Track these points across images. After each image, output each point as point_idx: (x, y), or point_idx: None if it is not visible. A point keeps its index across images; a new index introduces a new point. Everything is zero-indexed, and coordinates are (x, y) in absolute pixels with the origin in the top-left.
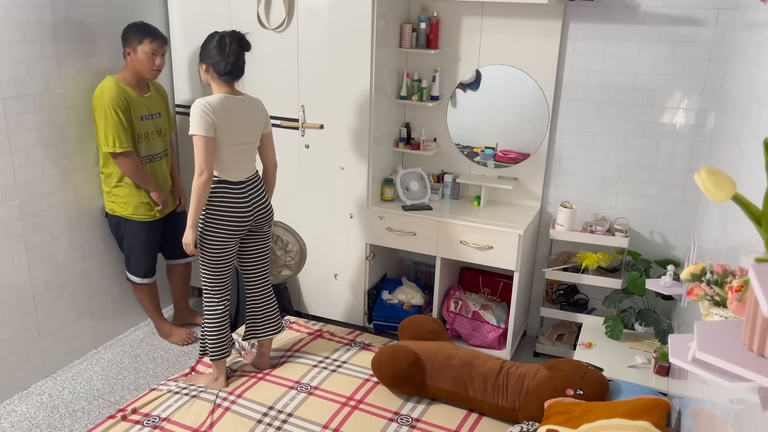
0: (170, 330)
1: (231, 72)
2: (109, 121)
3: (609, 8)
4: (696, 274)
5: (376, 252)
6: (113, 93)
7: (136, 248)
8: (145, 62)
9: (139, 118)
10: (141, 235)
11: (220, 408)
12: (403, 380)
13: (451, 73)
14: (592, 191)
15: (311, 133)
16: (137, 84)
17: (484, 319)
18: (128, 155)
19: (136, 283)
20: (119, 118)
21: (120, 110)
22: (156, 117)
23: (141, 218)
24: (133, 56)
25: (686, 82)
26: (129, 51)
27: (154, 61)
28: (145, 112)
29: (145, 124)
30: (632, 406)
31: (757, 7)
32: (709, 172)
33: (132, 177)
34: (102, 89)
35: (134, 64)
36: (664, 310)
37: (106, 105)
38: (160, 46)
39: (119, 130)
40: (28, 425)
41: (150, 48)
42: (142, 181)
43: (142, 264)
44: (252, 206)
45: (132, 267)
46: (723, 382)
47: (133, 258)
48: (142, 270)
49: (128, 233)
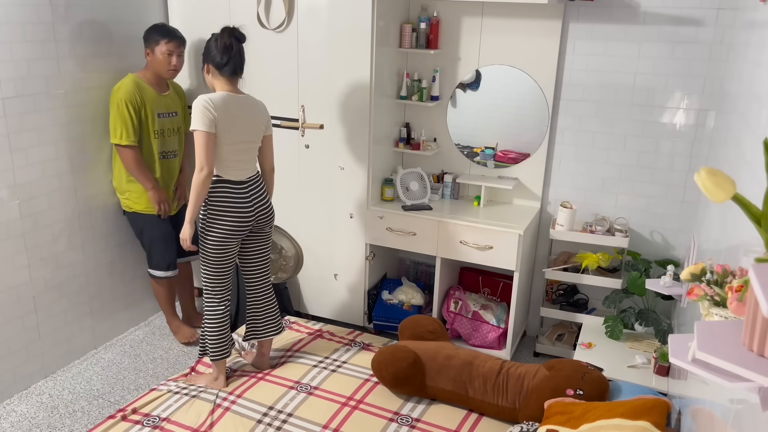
0: (178, 327)
1: (228, 63)
2: (120, 114)
3: (609, 8)
4: (696, 274)
5: (376, 252)
6: (128, 89)
7: (157, 241)
8: (162, 62)
9: (156, 115)
10: (160, 228)
11: (220, 408)
12: (403, 380)
13: (451, 73)
14: (592, 191)
15: (311, 133)
16: (157, 83)
17: (484, 319)
18: (132, 149)
19: (159, 277)
20: (129, 113)
21: (132, 106)
22: (173, 115)
23: (156, 211)
24: (151, 56)
25: (686, 82)
26: (148, 51)
27: (171, 61)
28: (163, 110)
29: (161, 122)
30: (632, 406)
31: (757, 7)
32: (709, 172)
33: (131, 171)
34: (120, 85)
35: (153, 64)
36: (664, 310)
37: (119, 99)
38: (176, 46)
39: (128, 124)
40: (28, 425)
41: (167, 48)
42: (140, 177)
43: (164, 257)
44: (253, 206)
45: (154, 261)
46: (723, 382)
47: (155, 252)
48: (165, 262)
49: (146, 227)
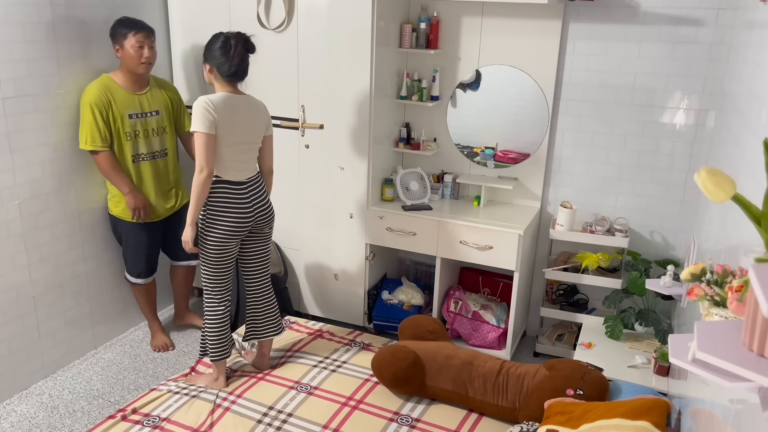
0: (155, 333)
1: (235, 74)
2: (85, 119)
3: (609, 8)
4: (696, 274)
5: (376, 252)
6: (94, 91)
7: (131, 248)
8: (134, 56)
9: (127, 116)
10: (135, 235)
11: (220, 408)
12: (403, 380)
13: (451, 73)
14: (592, 191)
15: (311, 133)
16: (131, 81)
17: (484, 319)
18: (101, 154)
19: (131, 282)
20: (94, 117)
21: (97, 109)
22: (151, 115)
23: (131, 218)
24: (122, 52)
25: (686, 82)
26: (118, 48)
27: (142, 54)
28: (136, 110)
29: (133, 123)
30: (632, 406)
31: (757, 7)
32: (709, 172)
33: (106, 175)
34: (88, 88)
35: (125, 61)
36: (664, 310)
37: (85, 103)
38: (145, 37)
39: (93, 129)
40: (28, 425)
41: (136, 41)
42: (116, 181)
43: (137, 264)
44: (253, 207)
45: (128, 266)
46: (723, 382)
47: (129, 257)
48: (136, 270)
49: (123, 232)
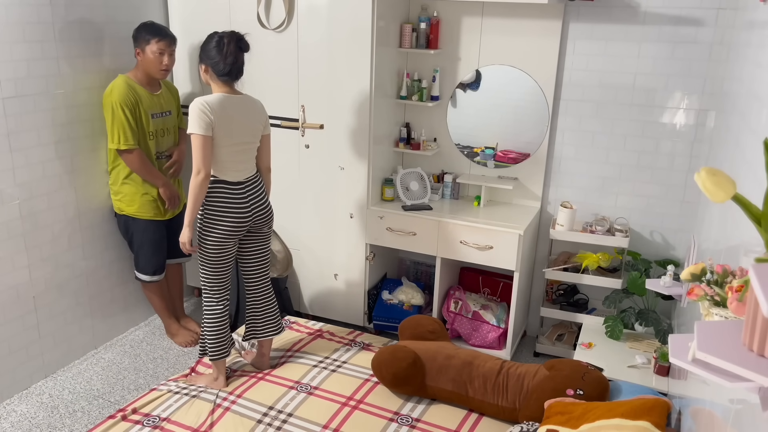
0: (177, 330)
1: (229, 73)
2: (116, 118)
3: (609, 8)
4: (696, 274)
5: (376, 252)
6: (121, 91)
7: (145, 246)
8: (153, 62)
9: (150, 116)
10: (150, 233)
11: (220, 408)
12: (403, 380)
13: (451, 73)
14: (592, 191)
15: (311, 133)
16: (148, 83)
17: (484, 319)
18: (134, 152)
19: (145, 281)
20: (125, 116)
21: (127, 108)
22: (167, 115)
23: (147, 216)
24: (142, 56)
25: (686, 82)
26: (138, 51)
27: (162, 61)
28: (157, 110)
29: (155, 122)
30: (632, 406)
31: (757, 7)
32: (709, 172)
33: (140, 173)
34: (111, 87)
35: (144, 64)
36: (664, 310)
37: (114, 102)
38: (167, 45)
39: (125, 128)
40: (28, 425)
41: (157, 47)
42: (149, 177)
43: (151, 261)
44: (251, 207)
45: (141, 265)
46: (723, 382)
47: (142, 256)
48: (151, 267)
49: (136, 231)
